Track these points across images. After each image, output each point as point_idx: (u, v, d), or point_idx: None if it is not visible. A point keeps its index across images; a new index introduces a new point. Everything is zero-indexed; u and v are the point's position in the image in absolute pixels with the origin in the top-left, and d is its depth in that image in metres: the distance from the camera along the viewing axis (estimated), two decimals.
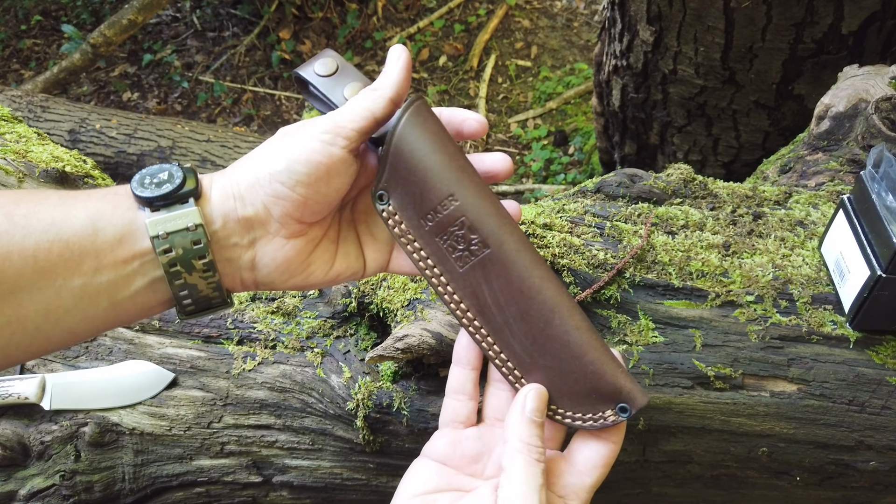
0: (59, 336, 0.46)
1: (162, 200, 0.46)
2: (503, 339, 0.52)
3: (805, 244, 0.80)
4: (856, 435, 0.71)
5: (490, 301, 0.52)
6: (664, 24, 1.43)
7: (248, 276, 0.50)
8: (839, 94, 0.97)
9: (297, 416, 0.75)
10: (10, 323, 0.43)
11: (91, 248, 0.44)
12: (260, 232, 0.49)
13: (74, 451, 0.74)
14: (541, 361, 0.52)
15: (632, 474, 0.75)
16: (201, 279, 0.47)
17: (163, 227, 0.45)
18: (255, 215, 0.48)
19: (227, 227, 0.48)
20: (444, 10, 3.36)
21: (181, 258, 0.46)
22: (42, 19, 3.54)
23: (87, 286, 0.44)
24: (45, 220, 0.44)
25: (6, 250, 0.42)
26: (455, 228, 0.51)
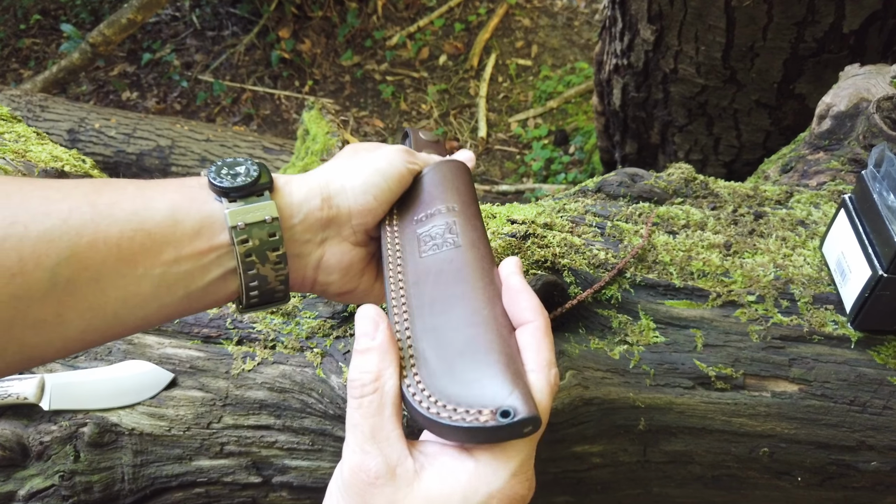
0: (134, 323, 0.47)
1: (238, 192, 0.48)
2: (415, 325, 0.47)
3: (806, 244, 0.80)
4: (857, 435, 0.71)
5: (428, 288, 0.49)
6: (665, 23, 1.43)
7: (311, 275, 0.52)
8: (840, 93, 0.97)
9: (297, 417, 0.75)
10: (91, 308, 0.44)
11: (171, 239, 0.45)
12: (333, 233, 0.52)
13: (74, 452, 0.74)
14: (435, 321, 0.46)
15: (632, 474, 0.75)
16: (272, 270, 0.49)
17: (242, 218, 0.47)
18: (336, 217, 0.51)
19: (306, 223, 0.51)
20: (445, 8, 3.35)
21: (257, 249, 0.48)
22: (41, 18, 3.54)
23: (166, 275, 0.46)
24: (128, 209, 0.45)
25: (92, 238, 0.43)
26: (440, 223, 0.53)
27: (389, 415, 0.42)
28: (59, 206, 0.43)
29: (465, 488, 0.40)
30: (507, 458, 0.41)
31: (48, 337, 0.43)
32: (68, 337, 0.44)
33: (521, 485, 0.41)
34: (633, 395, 0.70)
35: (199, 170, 2.33)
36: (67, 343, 0.45)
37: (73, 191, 0.44)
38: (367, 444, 0.41)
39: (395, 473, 0.41)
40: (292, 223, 0.50)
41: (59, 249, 0.42)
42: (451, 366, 0.44)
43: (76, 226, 0.43)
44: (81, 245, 0.42)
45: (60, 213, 0.42)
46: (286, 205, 0.50)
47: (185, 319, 0.78)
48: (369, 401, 0.42)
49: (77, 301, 0.43)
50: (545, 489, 0.76)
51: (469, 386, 0.42)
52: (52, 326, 0.43)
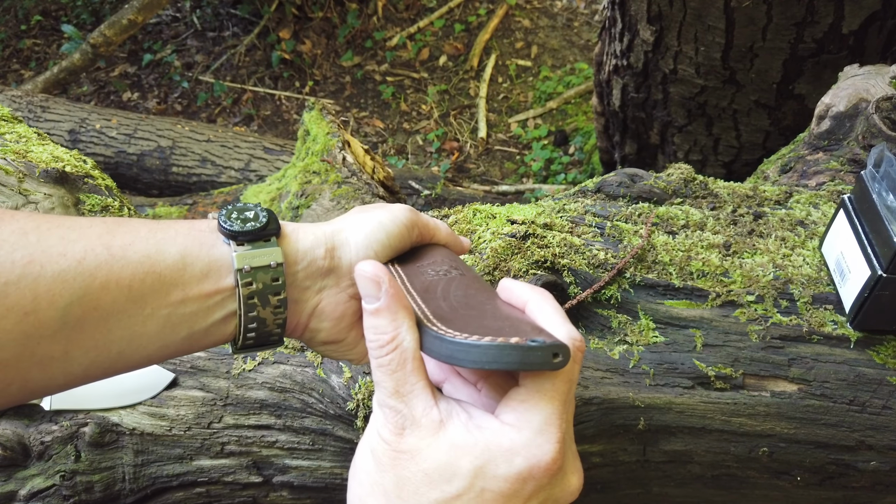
0: (136, 360, 0.48)
1: (247, 236, 0.49)
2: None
3: (806, 244, 0.80)
4: (856, 435, 0.71)
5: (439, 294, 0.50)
6: (664, 24, 1.43)
7: (304, 321, 0.53)
8: (840, 93, 0.97)
9: (298, 417, 0.75)
10: (97, 346, 0.45)
11: (180, 281, 0.47)
12: (332, 282, 0.53)
13: (75, 452, 0.74)
14: (462, 312, 0.47)
15: (632, 474, 0.75)
16: (272, 314, 0.51)
17: (248, 262, 0.49)
18: (337, 268, 0.52)
19: (308, 270, 0.52)
20: (445, 9, 3.36)
21: (260, 292, 0.49)
22: (42, 19, 3.55)
23: (172, 316, 0.47)
24: (141, 251, 0.46)
25: (105, 279, 0.44)
26: (442, 267, 0.54)
27: (412, 369, 0.44)
28: (75, 248, 0.44)
29: (488, 440, 0.41)
30: (531, 414, 0.41)
31: (52, 373, 0.44)
32: (71, 373, 0.45)
33: (548, 443, 0.41)
34: (633, 394, 0.71)
35: (199, 170, 2.33)
36: (70, 379, 0.46)
37: (87, 230, 0.46)
38: (391, 399, 0.44)
39: (421, 423, 0.43)
40: (295, 269, 0.51)
41: (72, 290, 0.43)
42: (475, 321, 0.45)
43: (90, 267, 0.44)
44: (94, 286, 0.44)
45: (76, 254, 0.44)
46: (292, 251, 0.51)
47: None
48: (389, 359, 0.45)
49: (84, 339, 0.44)
50: None
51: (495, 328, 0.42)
52: (57, 363, 0.44)
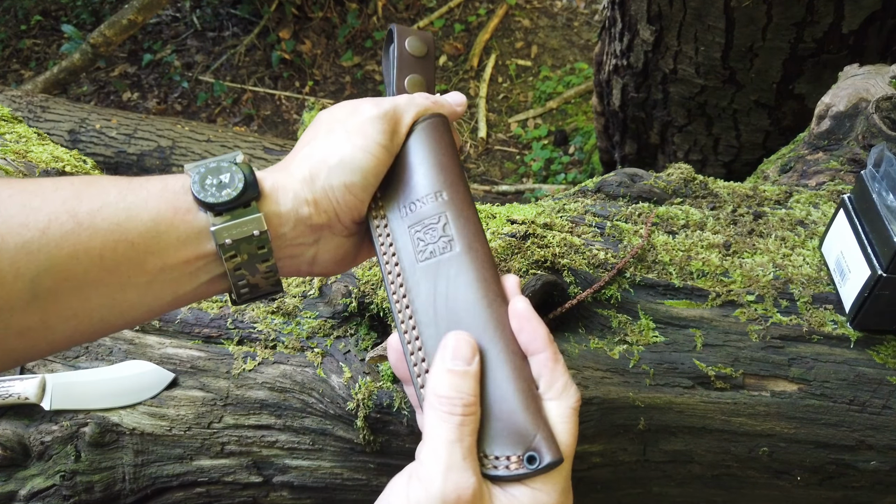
0: (121, 324, 0.47)
1: (224, 206, 0.46)
2: (427, 340, 0.48)
3: (806, 244, 0.80)
4: (856, 434, 0.71)
5: (432, 300, 0.49)
6: (664, 24, 1.43)
7: (306, 269, 0.53)
8: (840, 93, 0.97)
9: (298, 417, 0.75)
10: (76, 315, 0.44)
11: (155, 249, 0.45)
12: (326, 233, 0.51)
13: (75, 452, 0.74)
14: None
15: (632, 474, 0.75)
16: (262, 279, 0.49)
17: (229, 235, 0.46)
18: (327, 221, 0.50)
19: (297, 229, 0.50)
20: (444, 9, 3.36)
21: (246, 263, 0.48)
22: (42, 19, 3.54)
23: (152, 283, 0.46)
24: (110, 218, 0.44)
25: (73, 250, 0.43)
26: (433, 222, 0.51)
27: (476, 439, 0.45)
28: (38, 216, 0.42)
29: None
30: (555, 481, 0.46)
31: (34, 342, 0.44)
32: (54, 340, 0.44)
33: (567, 498, 0.47)
34: (633, 394, 0.71)
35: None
36: (54, 345, 0.45)
37: (52, 196, 0.43)
38: (467, 462, 0.43)
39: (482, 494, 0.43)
40: (282, 232, 0.49)
41: (38, 261, 0.41)
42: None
43: (56, 237, 0.42)
44: (61, 257, 0.42)
45: (39, 224, 0.42)
46: (274, 214, 0.48)
47: (186, 319, 0.78)
48: (470, 420, 0.44)
49: (61, 309, 0.43)
50: None
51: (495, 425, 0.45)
52: (37, 332, 0.43)
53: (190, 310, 0.78)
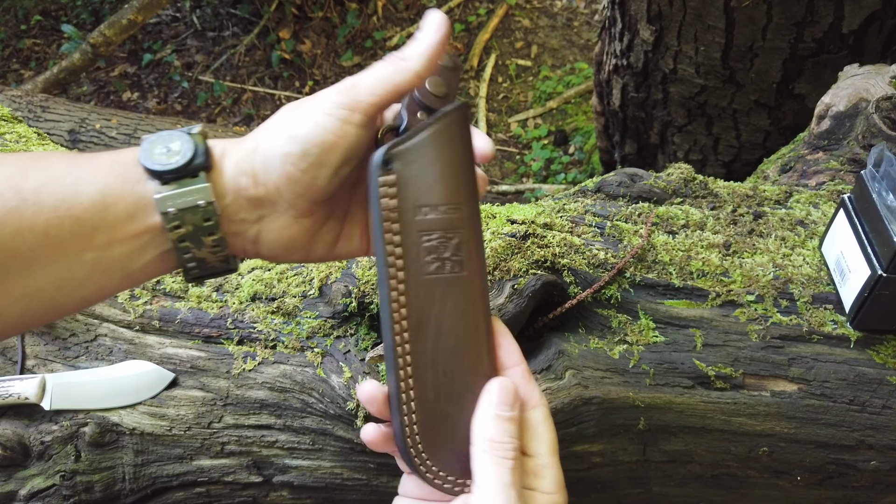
0: (73, 305, 0.46)
1: (172, 174, 0.45)
2: (421, 366, 0.48)
3: (806, 244, 0.80)
4: (856, 434, 0.71)
5: (433, 321, 0.48)
6: (664, 24, 1.43)
7: (252, 249, 0.50)
8: (840, 93, 0.97)
9: (298, 416, 0.75)
10: (25, 295, 0.43)
11: (102, 224, 0.44)
12: (268, 210, 0.48)
13: (75, 452, 0.74)
14: (442, 404, 0.48)
15: (632, 474, 0.75)
16: (210, 253, 0.47)
17: (173, 204, 0.44)
18: (266, 195, 0.47)
19: (236, 203, 0.47)
20: (444, 9, 3.36)
21: (191, 235, 0.46)
22: (42, 19, 3.54)
23: (100, 259, 0.44)
24: (55, 195, 0.43)
25: (18, 226, 0.42)
26: (445, 237, 0.48)
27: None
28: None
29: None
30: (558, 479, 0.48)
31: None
32: (5, 322, 0.44)
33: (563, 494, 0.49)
34: (633, 394, 0.71)
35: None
36: (6, 328, 0.45)
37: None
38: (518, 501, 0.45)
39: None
40: (224, 203, 0.47)
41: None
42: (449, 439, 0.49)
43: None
44: (6, 235, 0.41)
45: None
46: (219, 185, 0.46)
47: (186, 319, 0.78)
48: (519, 464, 0.46)
49: (10, 289, 0.43)
50: None
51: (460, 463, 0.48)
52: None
53: (190, 310, 0.78)
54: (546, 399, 0.51)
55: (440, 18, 0.48)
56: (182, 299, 0.79)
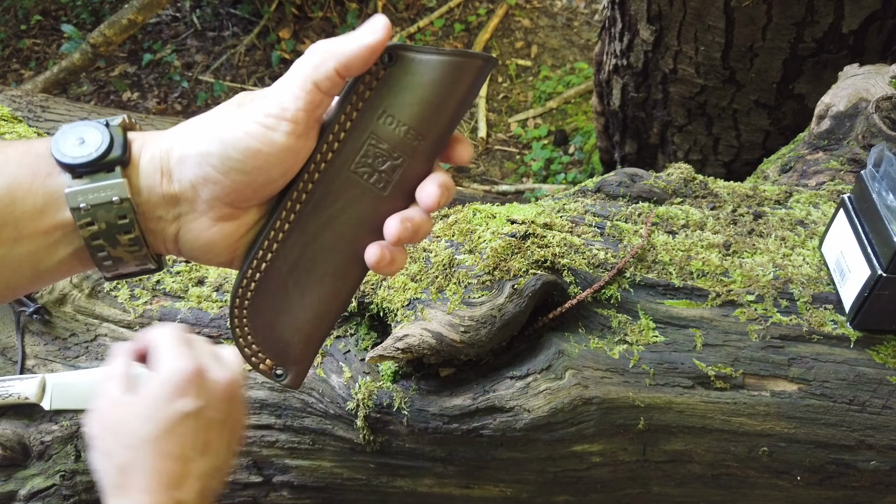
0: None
1: (84, 168, 0.42)
2: (294, 236, 0.47)
3: (806, 243, 0.80)
4: (856, 434, 0.71)
5: (330, 210, 0.47)
6: (664, 24, 1.43)
7: (172, 248, 0.47)
8: (840, 93, 0.97)
9: (298, 416, 0.75)
10: None
11: (9, 218, 0.41)
12: (186, 208, 0.45)
13: (75, 451, 0.74)
14: (289, 283, 0.48)
15: (632, 474, 0.75)
16: (127, 253, 0.44)
17: (84, 199, 0.41)
18: (181, 192, 0.44)
19: (151, 201, 0.44)
20: (445, 9, 3.36)
21: (104, 232, 0.43)
22: (42, 19, 3.54)
23: (7, 257, 0.42)
24: None
25: None
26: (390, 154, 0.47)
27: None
28: None
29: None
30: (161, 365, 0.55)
31: None
32: None
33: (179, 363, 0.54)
34: (633, 394, 0.71)
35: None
36: None
37: None
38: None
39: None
40: (139, 200, 0.44)
41: None
42: (276, 317, 0.49)
43: None
44: None
45: None
46: (135, 181, 0.43)
47: (186, 319, 0.78)
48: None
49: None
50: (545, 488, 0.76)
51: (278, 333, 0.49)
52: None
53: (190, 310, 0.78)
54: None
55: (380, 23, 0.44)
56: (182, 299, 0.79)
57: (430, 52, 0.46)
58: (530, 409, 0.69)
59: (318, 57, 0.43)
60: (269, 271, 0.48)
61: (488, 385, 0.71)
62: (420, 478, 0.75)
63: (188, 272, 0.82)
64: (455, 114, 0.48)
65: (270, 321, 0.49)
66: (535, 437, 0.70)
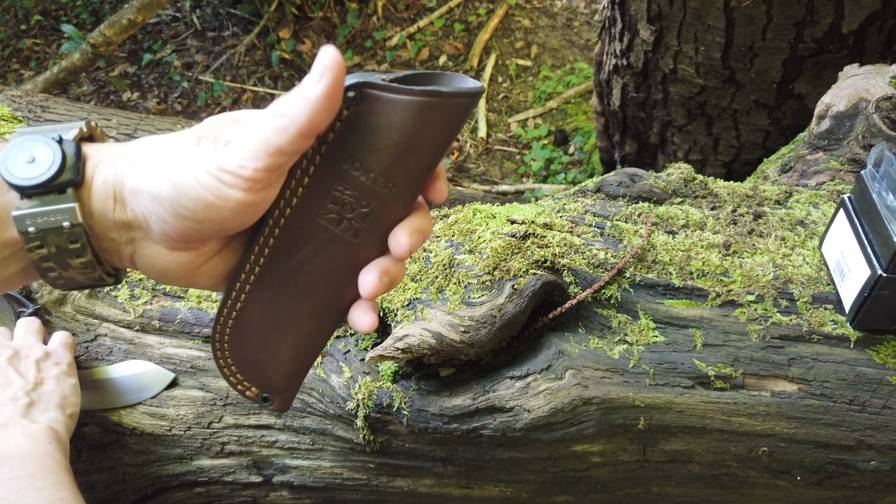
0: None
1: (34, 189, 0.40)
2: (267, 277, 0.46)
3: (805, 244, 0.80)
4: (856, 434, 0.71)
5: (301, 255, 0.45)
6: (664, 24, 1.43)
7: (129, 265, 0.45)
8: (840, 93, 0.97)
9: (298, 416, 0.75)
10: None
11: None
12: (140, 234, 0.43)
13: (75, 451, 0.74)
14: (264, 324, 0.47)
15: (632, 474, 0.75)
16: (79, 273, 0.43)
17: (33, 223, 0.40)
18: (133, 220, 0.42)
19: (104, 224, 0.42)
20: (445, 9, 3.35)
21: (55, 256, 0.41)
22: (42, 19, 3.54)
23: None
24: None
25: None
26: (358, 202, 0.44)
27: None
28: None
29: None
30: None
31: None
32: None
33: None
34: (633, 394, 0.71)
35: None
36: None
37: None
38: None
39: None
40: (90, 223, 0.42)
41: None
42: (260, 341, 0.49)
43: None
44: None
45: None
46: (86, 202, 0.41)
47: (186, 319, 0.78)
48: None
49: None
50: (545, 488, 0.76)
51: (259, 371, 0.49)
52: None
53: (190, 310, 0.78)
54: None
55: (330, 56, 0.38)
56: (182, 299, 0.79)
57: (400, 93, 0.41)
58: (530, 409, 0.69)
59: (278, 121, 0.39)
60: (245, 312, 0.47)
61: (488, 385, 0.71)
62: (420, 478, 0.75)
63: None
64: (431, 158, 0.44)
65: (251, 357, 0.49)
66: (535, 437, 0.70)
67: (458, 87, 0.43)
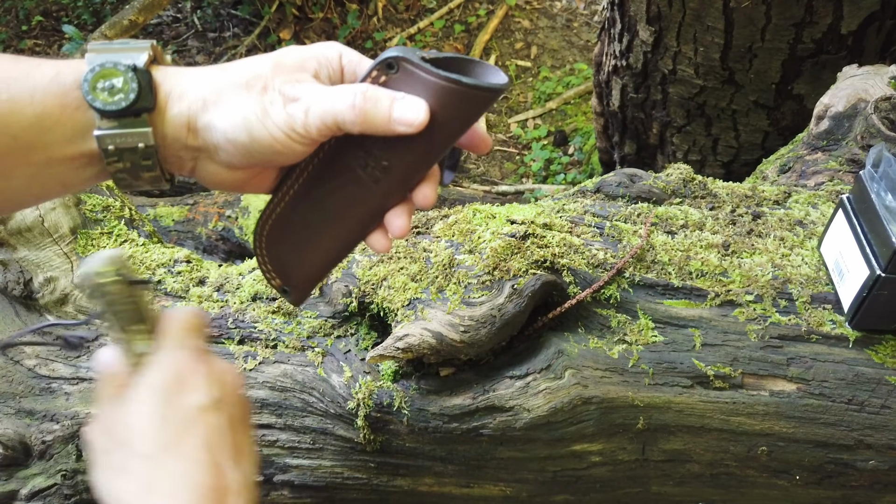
0: (9, 207, 0.52)
1: (114, 114, 0.45)
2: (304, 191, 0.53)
3: (804, 244, 0.81)
4: (855, 434, 0.71)
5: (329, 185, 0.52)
6: (664, 25, 1.43)
7: (188, 175, 0.52)
8: (838, 93, 0.97)
9: (298, 416, 0.75)
10: None
11: (39, 144, 0.45)
12: (204, 156, 0.49)
13: (76, 451, 0.74)
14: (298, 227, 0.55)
15: (631, 473, 0.75)
16: (146, 182, 0.49)
17: (112, 142, 0.45)
18: (203, 146, 0.48)
19: (174, 147, 0.48)
20: (445, 10, 3.36)
21: (129, 170, 0.47)
22: (43, 20, 3.54)
23: (38, 175, 0.46)
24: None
25: None
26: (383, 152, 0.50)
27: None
28: None
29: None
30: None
31: None
32: None
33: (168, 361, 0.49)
34: (632, 394, 0.71)
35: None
36: None
37: None
38: None
39: None
40: (163, 145, 0.47)
41: None
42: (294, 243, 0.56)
43: None
44: None
45: None
46: (159, 127, 0.47)
47: None
48: None
49: None
50: (544, 488, 0.76)
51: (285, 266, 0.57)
52: None
53: None
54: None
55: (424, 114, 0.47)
56: (183, 299, 0.80)
57: (428, 73, 0.47)
58: (530, 409, 0.69)
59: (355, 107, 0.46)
60: (281, 218, 0.55)
61: (488, 385, 0.71)
62: (420, 477, 0.75)
63: (189, 272, 0.82)
64: (444, 138, 0.49)
65: (281, 255, 0.57)
66: (535, 436, 0.71)
67: (479, 82, 0.48)
